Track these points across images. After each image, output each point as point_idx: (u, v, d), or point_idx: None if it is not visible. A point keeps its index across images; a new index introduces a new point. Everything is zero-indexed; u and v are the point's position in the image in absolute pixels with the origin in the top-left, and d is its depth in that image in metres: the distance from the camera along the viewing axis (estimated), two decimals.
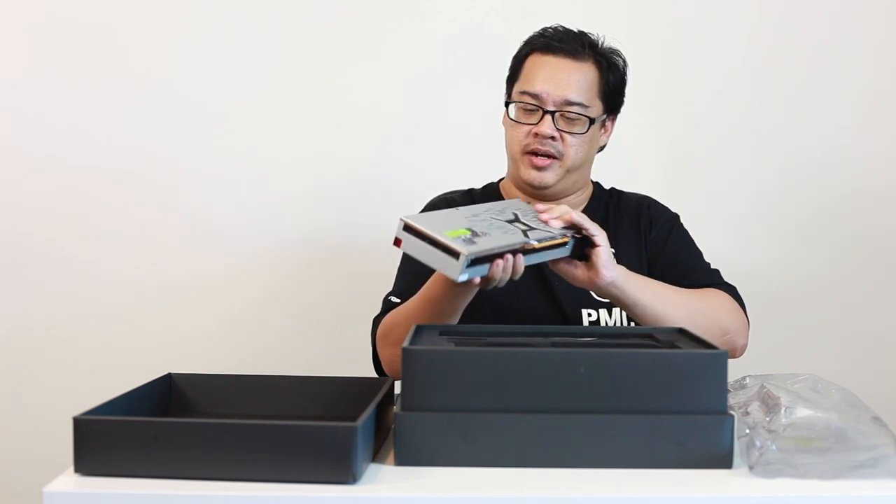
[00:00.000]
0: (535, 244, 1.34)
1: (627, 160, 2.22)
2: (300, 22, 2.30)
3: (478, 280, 1.31)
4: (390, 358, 1.59)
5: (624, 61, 1.69)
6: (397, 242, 1.30)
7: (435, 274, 1.46)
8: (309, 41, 2.30)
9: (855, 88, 2.32)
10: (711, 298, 1.61)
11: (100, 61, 2.28)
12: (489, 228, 1.34)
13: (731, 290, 1.66)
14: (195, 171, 2.30)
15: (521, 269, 1.34)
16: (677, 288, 1.57)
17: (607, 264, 1.43)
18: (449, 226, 1.30)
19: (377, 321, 1.65)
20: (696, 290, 1.61)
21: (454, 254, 1.24)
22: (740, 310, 1.63)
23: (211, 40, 2.30)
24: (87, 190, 2.29)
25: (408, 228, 1.28)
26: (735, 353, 1.59)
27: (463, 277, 1.26)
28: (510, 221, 1.40)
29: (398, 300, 1.62)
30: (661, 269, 1.67)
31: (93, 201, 2.29)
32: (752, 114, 2.32)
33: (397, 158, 2.31)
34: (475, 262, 1.27)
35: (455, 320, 1.51)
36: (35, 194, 2.29)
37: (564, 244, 1.40)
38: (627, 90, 1.73)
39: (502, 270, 1.32)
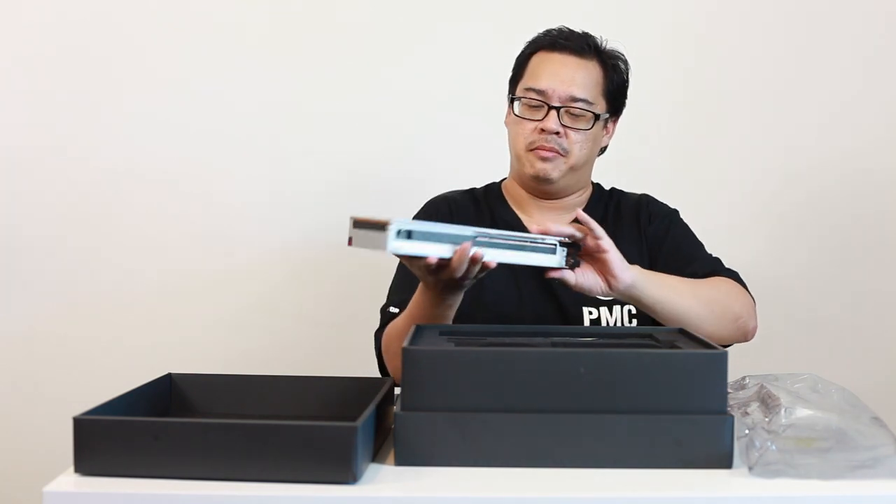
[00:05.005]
0: (489, 238, 1.31)
1: (627, 160, 2.21)
2: (302, 22, 2.30)
3: (434, 260, 1.28)
4: (395, 372, 1.58)
5: (626, 65, 1.70)
6: (349, 242, 1.28)
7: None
8: (317, 42, 2.30)
9: (854, 89, 2.32)
10: (720, 286, 1.60)
11: (106, 57, 2.28)
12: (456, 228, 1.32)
13: (735, 276, 1.66)
14: (196, 171, 2.30)
15: (484, 259, 1.29)
16: (686, 279, 1.56)
17: (622, 266, 1.39)
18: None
19: (378, 335, 1.64)
20: (704, 280, 1.60)
21: (383, 226, 1.24)
22: (746, 293, 1.63)
23: (217, 38, 2.29)
24: (88, 189, 2.29)
25: (355, 223, 1.28)
26: (747, 335, 1.59)
27: (392, 247, 1.24)
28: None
29: (396, 310, 1.60)
30: (664, 261, 1.68)
31: (94, 200, 2.29)
32: (752, 113, 2.32)
33: (399, 159, 2.31)
34: (418, 237, 1.26)
35: (449, 321, 1.48)
36: (35, 194, 2.29)
37: (548, 249, 1.37)
38: (629, 90, 1.73)
39: (458, 258, 1.28)
